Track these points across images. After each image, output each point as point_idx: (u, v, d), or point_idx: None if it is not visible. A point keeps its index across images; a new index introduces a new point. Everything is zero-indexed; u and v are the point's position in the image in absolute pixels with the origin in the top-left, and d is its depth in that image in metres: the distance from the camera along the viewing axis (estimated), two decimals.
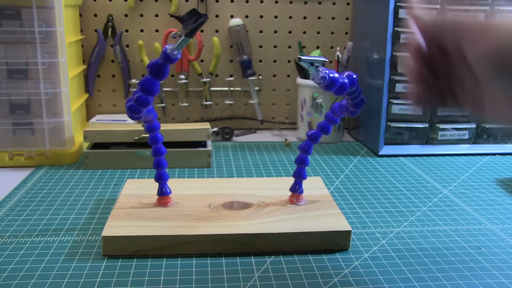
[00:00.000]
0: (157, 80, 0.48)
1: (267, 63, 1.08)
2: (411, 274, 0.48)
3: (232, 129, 1.00)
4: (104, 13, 1.01)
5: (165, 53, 0.47)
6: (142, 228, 0.52)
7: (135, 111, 0.50)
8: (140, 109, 0.50)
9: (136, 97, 0.49)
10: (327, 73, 0.48)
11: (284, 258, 0.51)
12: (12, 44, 0.77)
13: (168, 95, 1.06)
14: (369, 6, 0.97)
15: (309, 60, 0.48)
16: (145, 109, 0.50)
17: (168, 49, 0.47)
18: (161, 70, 0.48)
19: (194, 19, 0.46)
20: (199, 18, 0.46)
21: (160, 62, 0.47)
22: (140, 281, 0.46)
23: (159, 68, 0.47)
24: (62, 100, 0.80)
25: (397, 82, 0.88)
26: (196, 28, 0.46)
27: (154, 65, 0.48)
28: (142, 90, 0.48)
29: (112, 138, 0.80)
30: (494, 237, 0.57)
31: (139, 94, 0.49)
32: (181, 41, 0.47)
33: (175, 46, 0.47)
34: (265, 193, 0.62)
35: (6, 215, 0.60)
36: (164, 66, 0.47)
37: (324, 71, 0.48)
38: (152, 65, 0.48)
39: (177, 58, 0.47)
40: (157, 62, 0.47)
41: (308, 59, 0.48)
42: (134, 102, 0.49)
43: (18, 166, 0.80)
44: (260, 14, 1.05)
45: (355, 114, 0.56)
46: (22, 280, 0.46)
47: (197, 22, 0.46)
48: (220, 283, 0.46)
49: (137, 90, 0.49)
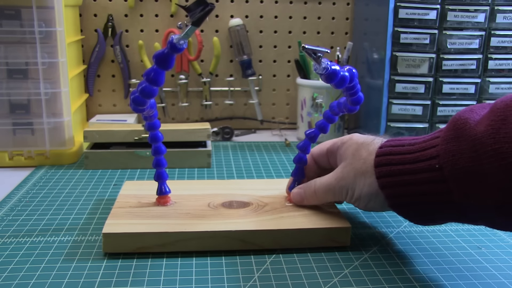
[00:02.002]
0: (162, 70, 0.48)
1: (267, 63, 1.08)
2: (411, 274, 0.48)
3: (232, 129, 1.00)
4: (104, 13, 1.01)
5: (171, 42, 0.47)
6: (142, 225, 0.52)
7: (139, 103, 0.50)
8: (145, 100, 0.50)
9: (142, 87, 0.49)
10: (329, 64, 0.49)
11: (284, 258, 0.51)
12: (12, 44, 0.77)
13: (168, 95, 1.06)
14: (369, 6, 0.97)
15: (313, 50, 0.48)
16: (149, 101, 0.51)
17: (174, 38, 0.46)
18: (167, 60, 0.48)
19: (201, 8, 0.46)
20: (206, 6, 0.46)
21: (167, 51, 0.47)
22: (140, 281, 0.46)
23: (165, 58, 0.47)
24: (62, 100, 0.80)
25: (397, 82, 0.88)
26: (203, 17, 0.46)
27: (160, 55, 0.47)
28: (148, 81, 0.48)
29: (112, 138, 0.80)
30: (494, 237, 0.57)
31: (144, 85, 0.49)
32: (187, 30, 0.46)
33: (182, 36, 0.47)
34: (264, 193, 0.62)
35: (6, 215, 0.60)
36: (170, 56, 0.47)
37: (327, 62, 0.49)
38: (158, 55, 0.48)
39: (183, 47, 0.47)
40: (163, 52, 0.47)
41: (311, 48, 0.48)
42: (139, 93, 0.49)
43: (18, 166, 0.80)
44: (260, 14, 1.05)
45: (353, 111, 0.56)
46: (22, 280, 0.46)
47: (204, 10, 0.46)
48: (220, 283, 0.46)
49: (142, 82, 0.49)
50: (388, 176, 0.47)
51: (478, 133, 0.40)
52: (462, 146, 0.41)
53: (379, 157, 0.48)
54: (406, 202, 0.47)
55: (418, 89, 0.88)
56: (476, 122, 0.41)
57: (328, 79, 0.50)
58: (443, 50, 0.87)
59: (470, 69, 0.88)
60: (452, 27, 0.86)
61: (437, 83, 0.88)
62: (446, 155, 0.42)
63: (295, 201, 0.58)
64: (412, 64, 0.87)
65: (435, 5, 0.85)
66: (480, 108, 0.43)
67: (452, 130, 0.43)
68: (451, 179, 0.42)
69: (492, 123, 0.39)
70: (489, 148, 0.39)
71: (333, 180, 0.53)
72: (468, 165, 0.40)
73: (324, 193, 0.54)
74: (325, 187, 0.54)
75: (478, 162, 0.39)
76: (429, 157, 0.44)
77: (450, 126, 0.43)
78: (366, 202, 0.50)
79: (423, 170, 0.44)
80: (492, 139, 0.39)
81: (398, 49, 0.87)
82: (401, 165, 0.46)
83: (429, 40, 0.87)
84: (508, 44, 0.88)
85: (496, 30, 0.87)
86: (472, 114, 0.42)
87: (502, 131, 0.38)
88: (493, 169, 0.38)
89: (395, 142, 0.49)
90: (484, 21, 0.87)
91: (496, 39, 0.88)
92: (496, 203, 0.40)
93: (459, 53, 0.87)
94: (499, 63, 0.89)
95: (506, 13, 0.87)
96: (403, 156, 0.46)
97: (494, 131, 0.39)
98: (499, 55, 0.88)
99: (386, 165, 0.47)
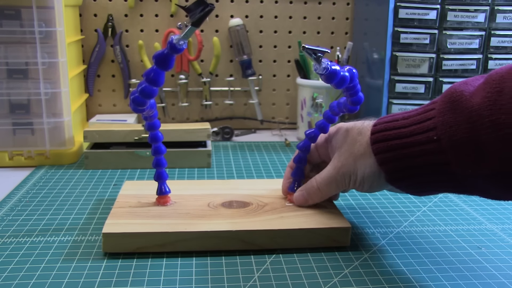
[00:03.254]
0: (162, 70, 0.48)
1: (267, 63, 1.08)
2: (411, 274, 0.48)
3: (232, 129, 1.00)
4: (104, 13, 1.01)
5: (171, 43, 0.47)
6: (142, 225, 0.52)
7: (139, 103, 0.50)
8: (145, 100, 0.50)
9: (141, 88, 0.49)
10: (329, 64, 0.49)
11: (284, 258, 0.51)
12: (12, 44, 0.77)
13: (168, 95, 1.06)
14: (369, 6, 0.97)
15: (313, 50, 0.48)
16: (149, 101, 0.51)
17: (174, 39, 0.47)
18: (166, 60, 0.48)
19: (201, 8, 0.46)
20: (206, 7, 0.46)
21: (166, 52, 0.47)
22: (140, 281, 0.46)
23: (165, 58, 0.48)
24: (62, 100, 0.80)
25: (397, 82, 0.88)
26: (203, 17, 0.46)
27: (160, 56, 0.48)
28: (148, 81, 0.49)
29: (112, 138, 0.80)
30: (494, 237, 0.57)
31: (144, 85, 0.49)
32: (187, 31, 0.47)
33: (181, 36, 0.47)
34: (264, 193, 0.62)
35: (6, 215, 0.60)
36: (170, 56, 0.48)
37: (327, 62, 0.49)
38: (158, 56, 0.48)
39: (183, 48, 0.47)
40: (163, 53, 0.48)
41: (312, 48, 0.48)
42: (139, 94, 0.49)
43: (18, 166, 0.80)
44: (260, 14, 1.05)
45: (353, 111, 0.56)
46: (22, 280, 0.46)
47: (204, 11, 0.46)
48: (220, 283, 0.46)
49: (142, 82, 0.49)
50: (386, 152, 0.47)
51: (474, 104, 0.40)
52: (458, 118, 0.42)
53: (375, 134, 0.49)
54: (405, 175, 0.47)
55: (418, 89, 0.88)
56: (471, 94, 0.42)
57: (328, 79, 0.50)
58: (443, 50, 0.87)
59: (470, 69, 0.88)
60: (452, 27, 0.87)
61: (437, 83, 0.88)
62: (443, 127, 0.43)
63: (298, 203, 0.58)
64: (412, 64, 0.87)
65: (435, 5, 0.86)
66: (474, 80, 0.44)
67: (448, 102, 0.43)
68: (449, 150, 0.42)
69: (489, 94, 0.40)
70: (487, 119, 0.39)
71: (332, 170, 0.53)
72: (465, 136, 0.41)
73: (327, 186, 0.54)
74: (327, 179, 0.54)
75: (476, 133, 0.40)
76: (426, 130, 0.44)
77: (446, 99, 0.44)
78: (370, 183, 0.50)
79: (421, 142, 0.44)
80: (489, 110, 0.39)
81: (398, 49, 0.87)
82: (397, 139, 0.46)
83: (429, 40, 0.87)
84: (508, 44, 0.88)
85: (496, 30, 0.87)
86: (467, 87, 0.43)
87: (499, 102, 0.39)
88: (490, 139, 0.39)
89: (389, 118, 0.49)
90: (484, 21, 0.87)
91: (496, 39, 0.88)
92: (493, 171, 0.40)
93: (459, 53, 0.87)
94: (499, 63, 0.89)
95: (506, 13, 0.87)
96: (399, 131, 0.47)
97: (491, 103, 0.39)
98: (499, 55, 0.88)
99: (383, 141, 0.47)
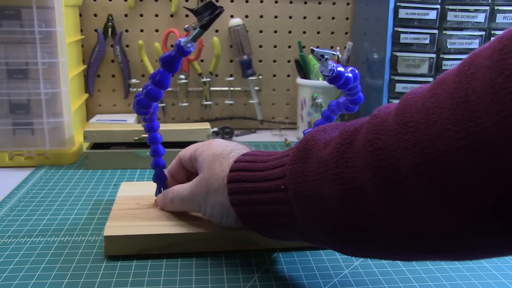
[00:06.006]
0: (169, 73, 0.48)
1: (267, 63, 1.08)
2: (411, 274, 0.48)
3: (232, 129, 1.00)
4: (104, 13, 1.01)
5: (178, 45, 0.46)
6: (143, 227, 0.52)
7: (144, 106, 0.50)
8: (150, 103, 0.50)
9: (147, 90, 0.49)
10: (335, 66, 0.49)
11: (284, 258, 0.51)
12: (12, 44, 0.77)
13: (168, 95, 1.06)
14: (369, 6, 0.97)
15: (321, 52, 0.48)
16: (153, 103, 0.51)
17: (182, 41, 0.46)
18: (173, 63, 0.47)
19: (210, 11, 0.46)
20: (215, 10, 0.45)
21: (173, 54, 0.47)
22: (140, 282, 0.46)
23: (172, 61, 0.47)
24: (62, 100, 0.80)
25: (397, 82, 0.88)
26: (212, 20, 0.46)
27: (167, 58, 0.47)
28: (154, 84, 0.48)
29: (112, 138, 0.80)
30: None
31: (150, 88, 0.49)
32: (195, 33, 0.46)
33: (189, 39, 0.46)
34: None
35: (6, 215, 0.60)
36: (177, 59, 0.47)
37: (332, 64, 0.49)
38: (165, 58, 0.47)
39: (191, 50, 0.47)
40: (170, 55, 0.47)
41: (320, 51, 0.49)
42: (144, 96, 0.49)
43: (18, 166, 0.80)
44: (260, 14, 1.05)
45: (353, 111, 0.56)
46: (22, 280, 0.46)
47: (213, 14, 0.45)
48: (220, 283, 0.46)
49: (148, 84, 0.49)
50: (238, 194, 0.45)
51: (324, 155, 0.38)
52: (307, 168, 0.39)
53: (232, 172, 0.46)
54: (254, 220, 0.45)
55: None
56: (326, 143, 0.40)
57: (334, 80, 0.50)
58: (443, 50, 0.87)
59: None
60: (452, 27, 0.87)
61: None
62: (291, 176, 0.40)
63: (160, 206, 0.57)
64: (412, 64, 0.87)
65: (435, 5, 0.85)
66: (333, 128, 0.42)
67: (301, 150, 0.41)
68: (294, 202, 0.40)
69: (338, 146, 0.37)
70: (331, 172, 0.37)
71: (186, 193, 0.51)
72: (310, 189, 0.39)
73: (179, 204, 0.53)
74: (180, 199, 0.53)
75: (320, 186, 0.38)
76: (276, 177, 0.42)
77: (300, 146, 0.42)
78: (219, 219, 0.49)
79: (270, 189, 0.42)
80: (335, 162, 0.37)
81: (398, 49, 0.87)
82: (250, 182, 0.44)
83: (429, 40, 0.87)
84: None
85: (496, 30, 0.87)
86: (324, 135, 0.41)
87: (346, 155, 0.36)
88: (333, 193, 0.37)
89: (250, 157, 0.47)
90: (484, 21, 0.87)
91: None
92: (335, 231, 0.38)
93: (459, 53, 0.87)
94: None
95: (506, 13, 0.87)
96: (254, 174, 0.44)
97: (338, 155, 0.37)
98: None
99: (238, 182, 0.45)
